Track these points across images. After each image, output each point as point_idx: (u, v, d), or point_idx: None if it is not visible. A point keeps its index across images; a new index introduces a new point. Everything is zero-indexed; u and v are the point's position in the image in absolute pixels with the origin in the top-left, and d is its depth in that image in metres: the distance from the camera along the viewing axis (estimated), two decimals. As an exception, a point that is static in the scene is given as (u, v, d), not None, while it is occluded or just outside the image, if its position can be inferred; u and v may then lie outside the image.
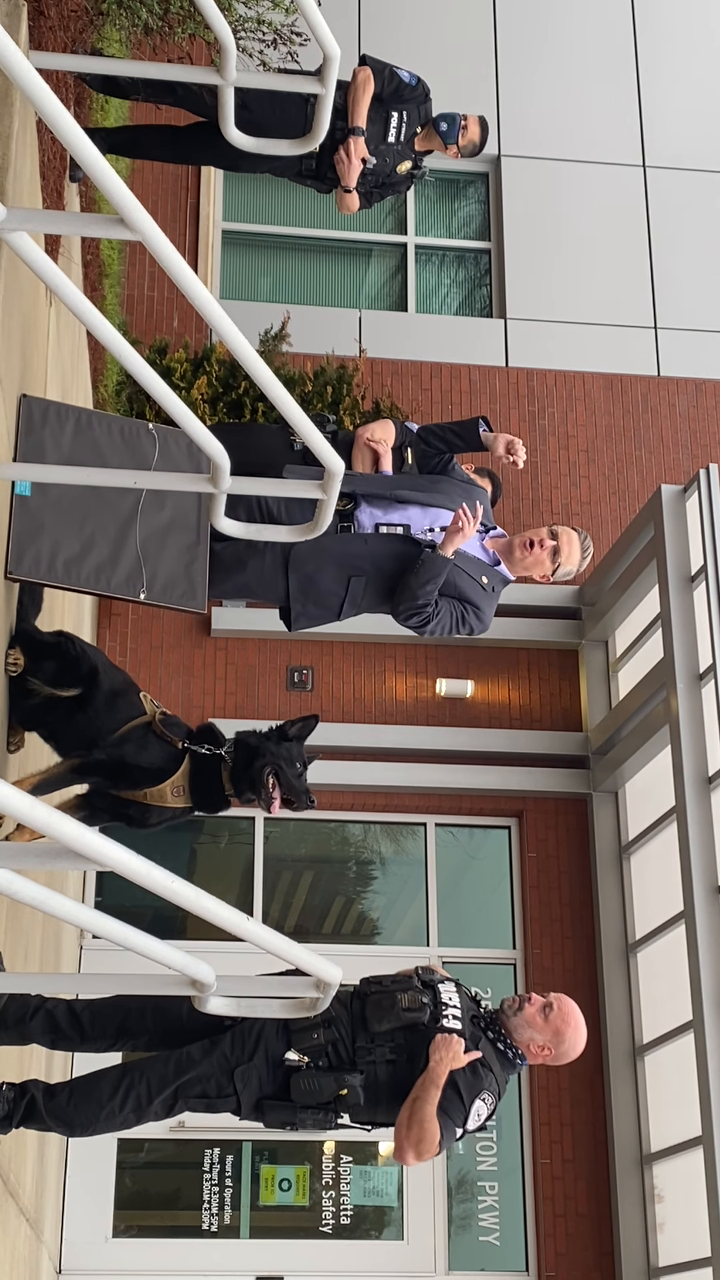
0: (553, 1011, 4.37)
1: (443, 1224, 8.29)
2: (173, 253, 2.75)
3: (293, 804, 4.39)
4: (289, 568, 4.83)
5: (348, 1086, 4.16)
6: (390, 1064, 4.23)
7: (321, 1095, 4.16)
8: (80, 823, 2.22)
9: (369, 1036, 4.23)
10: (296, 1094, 4.15)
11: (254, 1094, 4.17)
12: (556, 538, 4.99)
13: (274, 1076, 4.18)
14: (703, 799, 7.66)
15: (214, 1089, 4.15)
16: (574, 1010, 4.42)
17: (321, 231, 10.59)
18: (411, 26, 10.82)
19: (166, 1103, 4.14)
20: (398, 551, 4.84)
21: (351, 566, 4.85)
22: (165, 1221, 8.37)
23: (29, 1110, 4.07)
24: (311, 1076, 4.16)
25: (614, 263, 10.68)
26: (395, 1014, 4.25)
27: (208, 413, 8.50)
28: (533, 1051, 4.38)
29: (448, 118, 6.00)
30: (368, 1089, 4.20)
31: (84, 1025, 4.24)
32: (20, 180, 4.38)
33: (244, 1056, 4.17)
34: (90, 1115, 4.09)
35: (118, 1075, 4.15)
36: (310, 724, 4.47)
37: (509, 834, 9.14)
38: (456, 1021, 4.30)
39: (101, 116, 6.76)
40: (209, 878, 8.96)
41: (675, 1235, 7.89)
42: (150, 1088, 4.12)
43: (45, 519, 4.19)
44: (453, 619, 4.92)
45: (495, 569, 5.00)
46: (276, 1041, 4.19)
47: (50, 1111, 4.07)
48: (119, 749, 4.28)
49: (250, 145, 5.24)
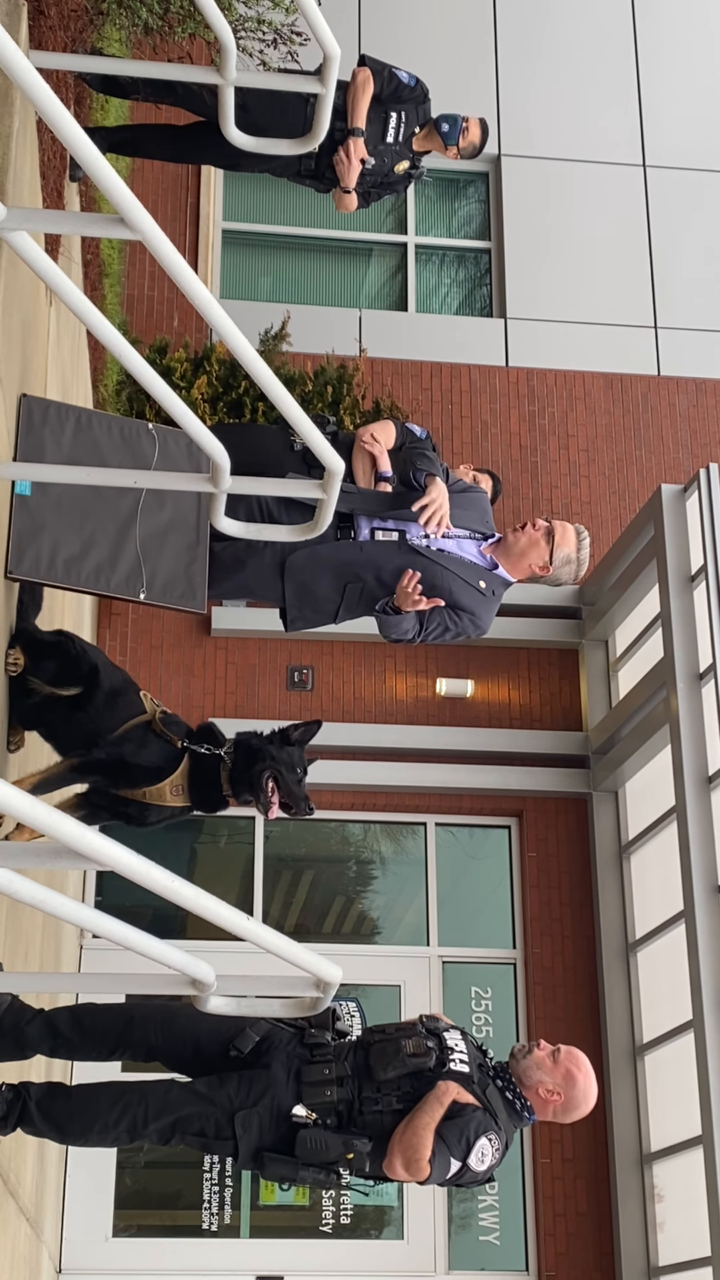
0: (561, 1055, 4.30)
1: (443, 1223, 8.29)
2: (173, 252, 2.75)
3: (291, 810, 4.38)
4: (285, 574, 4.83)
5: (355, 1151, 4.04)
6: (397, 1114, 4.10)
7: (328, 1155, 4.04)
8: (80, 822, 2.22)
9: (375, 1086, 4.12)
10: (302, 1151, 4.03)
11: (253, 1142, 4.05)
12: (550, 522, 5.00)
13: (277, 1128, 4.06)
14: (703, 799, 7.67)
15: (213, 1129, 4.05)
16: (585, 1060, 4.34)
17: (321, 231, 10.59)
18: (411, 26, 10.82)
19: (163, 1133, 4.05)
20: (393, 558, 4.84)
21: (348, 574, 4.85)
22: (165, 1221, 8.37)
23: (24, 1112, 4.01)
24: (319, 1135, 4.03)
25: (614, 263, 10.68)
26: (400, 1060, 4.13)
27: (208, 413, 8.50)
28: (541, 1097, 4.28)
29: (450, 119, 6.00)
30: (375, 1144, 4.07)
31: (85, 1027, 4.16)
32: (20, 180, 4.38)
33: (248, 1101, 4.05)
34: (84, 1125, 4.02)
35: (118, 1091, 4.07)
36: (313, 729, 4.47)
37: (509, 834, 9.15)
38: (464, 1065, 4.20)
39: (101, 116, 6.76)
40: (209, 877, 8.96)
41: (675, 1235, 7.89)
42: (148, 1111, 4.03)
43: (45, 519, 4.19)
44: (445, 629, 4.91)
45: (494, 573, 4.99)
46: (286, 1093, 4.08)
47: (46, 1113, 4.00)
48: (119, 748, 4.28)
49: (250, 145, 5.25)
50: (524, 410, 10.12)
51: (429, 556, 4.84)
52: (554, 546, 4.97)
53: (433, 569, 4.82)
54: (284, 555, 4.82)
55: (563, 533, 4.99)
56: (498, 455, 9.93)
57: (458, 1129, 4.07)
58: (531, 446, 10.01)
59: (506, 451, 9.98)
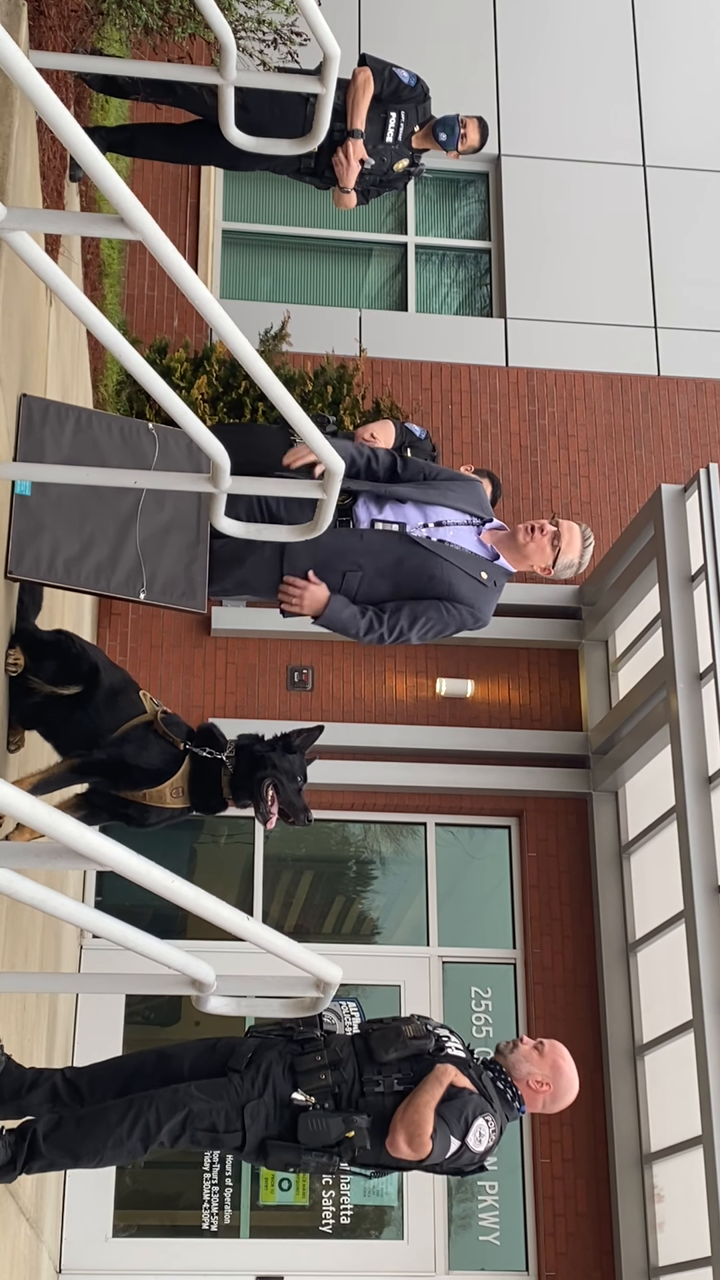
0: (546, 1048, 4.53)
1: (443, 1223, 8.29)
2: (173, 252, 2.75)
3: (289, 819, 4.39)
4: (284, 562, 4.82)
5: (355, 1129, 4.19)
6: (398, 1095, 4.27)
7: (328, 1136, 4.19)
8: (80, 822, 2.22)
9: (376, 1068, 4.29)
10: (304, 1135, 4.18)
11: (260, 1132, 4.20)
12: (557, 525, 4.99)
13: (280, 1116, 4.22)
14: (703, 799, 7.67)
15: (223, 1122, 4.17)
16: (567, 1052, 4.59)
17: (321, 231, 10.59)
18: (411, 26, 10.83)
19: (174, 1132, 4.14)
20: (393, 548, 4.83)
21: (347, 562, 4.85)
22: (165, 1221, 8.37)
23: (31, 1151, 4.06)
24: (319, 1117, 4.20)
25: (614, 262, 10.68)
26: (402, 1042, 4.32)
27: (208, 413, 8.50)
28: (531, 1088, 4.50)
29: (446, 127, 6.01)
30: (375, 1125, 4.23)
31: (82, 1092, 4.25)
32: (20, 180, 4.38)
33: (254, 1093, 4.21)
34: (97, 1143, 4.08)
35: (124, 1104, 4.15)
36: (314, 735, 4.47)
37: (509, 834, 9.14)
38: (460, 1051, 4.41)
39: (101, 116, 6.77)
40: (209, 877, 8.96)
41: (675, 1235, 7.89)
42: (159, 1114, 4.13)
43: (45, 519, 4.19)
44: (443, 623, 4.91)
45: (495, 563, 4.99)
46: (284, 1082, 4.24)
47: (55, 1143, 4.06)
48: (119, 748, 4.27)
49: (250, 145, 5.25)
50: (524, 410, 10.12)
51: (428, 548, 4.83)
52: (559, 552, 4.97)
53: (432, 561, 4.81)
54: (283, 546, 4.81)
55: (569, 539, 4.98)
56: (498, 455, 9.93)
57: (457, 1109, 4.26)
58: (531, 446, 10.01)
59: (506, 451, 9.98)
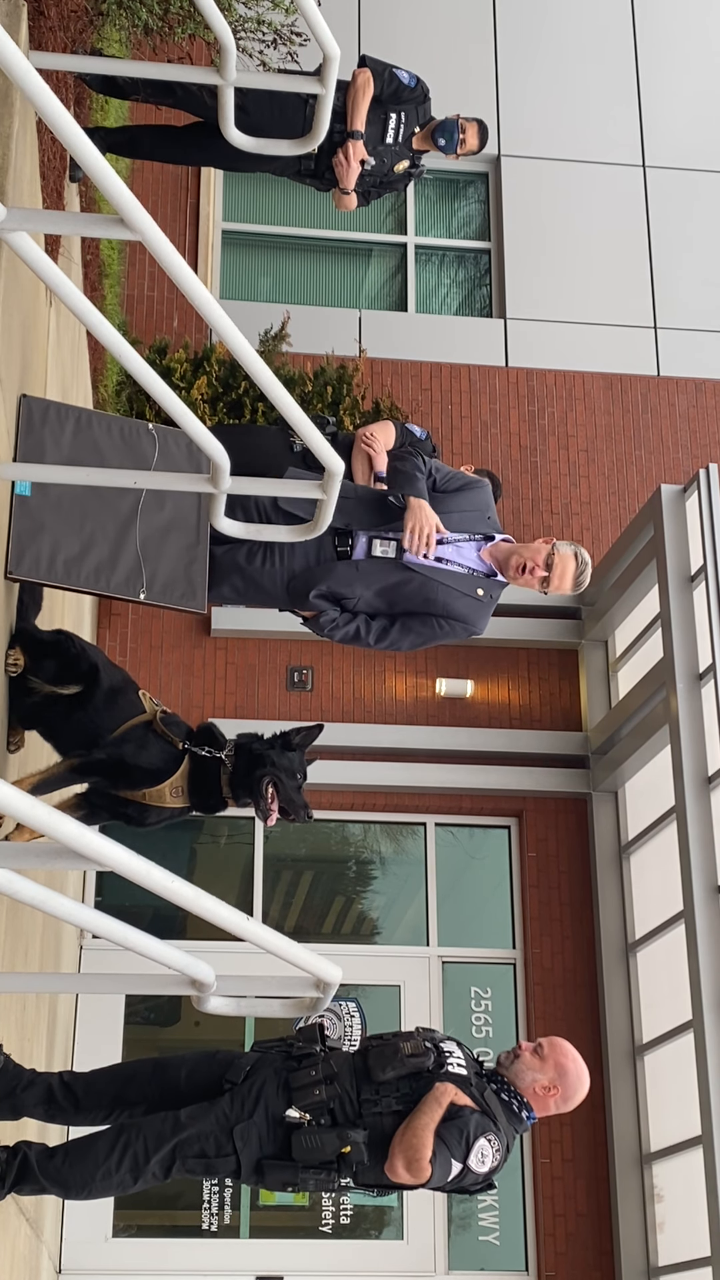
0: (545, 1049, 4.36)
1: (442, 1224, 8.29)
2: (173, 253, 2.75)
3: (289, 816, 4.39)
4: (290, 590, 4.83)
5: (351, 1143, 4.06)
6: (397, 1115, 4.13)
7: (324, 1153, 4.07)
8: (79, 822, 2.23)
9: (374, 1088, 4.16)
10: (298, 1152, 4.07)
11: (254, 1154, 4.10)
12: (551, 568, 4.92)
13: (274, 1135, 4.11)
14: (703, 799, 7.67)
15: (213, 1148, 4.08)
16: (568, 1044, 4.40)
17: (321, 231, 10.59)
18: (411, 26, 10.83)
19: (164, 1163, 4.06)
20: (389, 575, 4.83)
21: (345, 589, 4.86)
22: (165, 1221, 8.37)
23: (22, 1171, 4.01)
24: (313, 1134, 4.08)
25: (614, 263, 10.68)
26: (399, 1060, 4.17)
27: (208, 413, 8.50)
28: (538, 1094, 4.33)
29: (445, 133, 6.01)
30: (373, 1143, 4.10)
31: (78, 1096, 4.20)
32: (20, 180, 4.39)
33: (244, 1114, 4.11)
34: (86, 1176, 4.02)
35: (114, 1134, 4.09)
36: (314, 733, 4.47)
37: (509, 834, 9.15)
38: (461, 1068, 4.24)
39: (101, 116, 6.77)
40: (209, 877, 8.96)
41: (675, 1235, 7.89)
42: (147, 1146, 4.05)
43: (45, 519, 4.19)
44: (435, 636, 4.93)
45: (493, 579, 4.99)
46: (277, 1099, 4.13)
47: (45, 1173, 4.01)
48: (119, 748, 4.28)
49: (250, 145, 5.25)
50: (524, 410, 10.12)
51: (424, 573, 4.84)
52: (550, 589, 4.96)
53: (429, 585, 4.83)
54: (286, 578, 4.81)
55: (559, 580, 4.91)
56: (498, 455, 9.93)
57: (457, 1129, 4.09)
58: (531, 447, 10.01)
59: (506, 451, 9.98)
